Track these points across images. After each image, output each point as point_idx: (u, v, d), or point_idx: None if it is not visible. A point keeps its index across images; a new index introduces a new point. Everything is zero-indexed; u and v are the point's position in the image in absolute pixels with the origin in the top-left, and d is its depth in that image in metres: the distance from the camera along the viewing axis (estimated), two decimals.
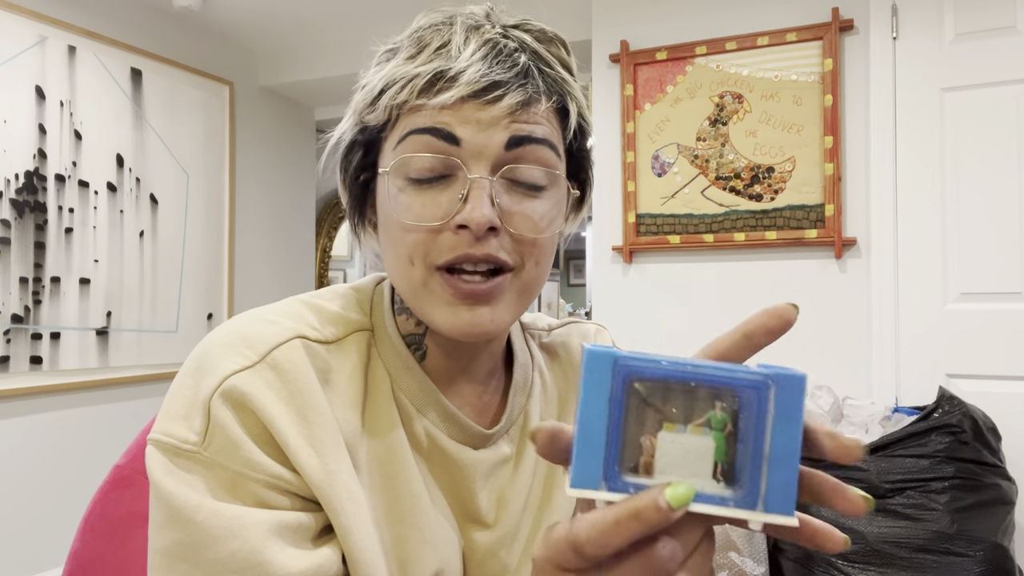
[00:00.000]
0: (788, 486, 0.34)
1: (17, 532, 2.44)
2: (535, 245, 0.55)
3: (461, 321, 0.54)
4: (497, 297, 0.55)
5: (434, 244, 0.54)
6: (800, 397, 0.33)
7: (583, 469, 0.34)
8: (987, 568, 1.64)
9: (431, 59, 0.54)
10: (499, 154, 0.53)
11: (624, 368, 0.34)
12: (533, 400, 0.67)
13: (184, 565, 0.48)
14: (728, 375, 0.33)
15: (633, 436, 0.34)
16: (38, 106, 2.49)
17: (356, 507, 0.53)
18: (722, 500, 0.34)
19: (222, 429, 0.50)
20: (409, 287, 0.56)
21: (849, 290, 2.22)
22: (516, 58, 0.54)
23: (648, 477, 0.34)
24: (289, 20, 3.13)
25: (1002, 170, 2.07)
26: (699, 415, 0.34)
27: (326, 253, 4.50)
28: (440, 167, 0.54)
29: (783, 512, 0.34)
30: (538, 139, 0.54)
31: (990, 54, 2.09)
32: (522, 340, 0.70)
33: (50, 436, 2.55)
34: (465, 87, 0.52)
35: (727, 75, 2.35)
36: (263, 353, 0.53)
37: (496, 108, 0.53)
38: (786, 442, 0.33)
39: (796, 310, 0.35)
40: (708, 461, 0.34)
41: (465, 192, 0.53)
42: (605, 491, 0.34)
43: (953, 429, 1.74)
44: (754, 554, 1.85)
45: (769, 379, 0.33)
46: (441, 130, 0.53)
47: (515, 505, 0.63)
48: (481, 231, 0.52)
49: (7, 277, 2.40)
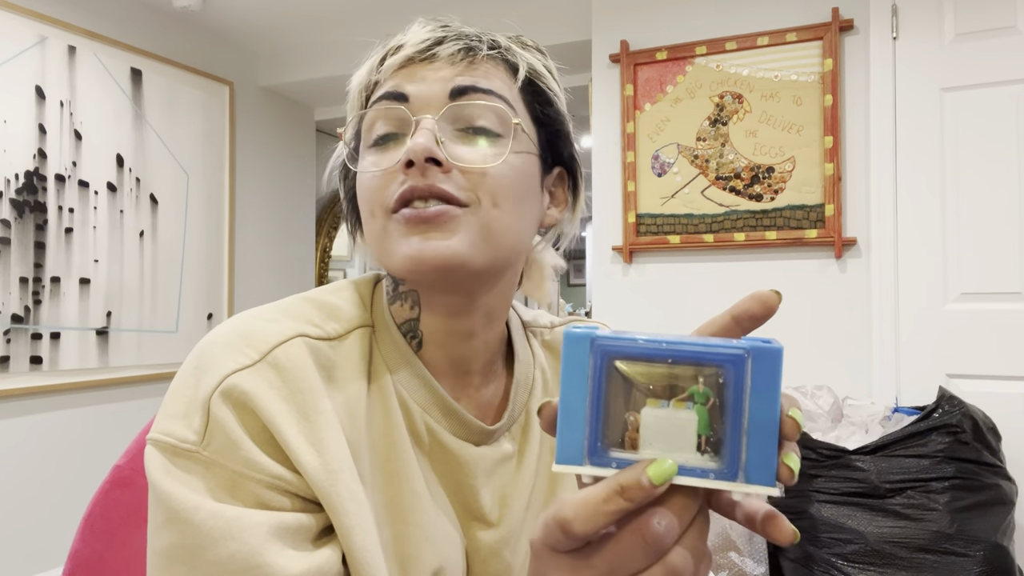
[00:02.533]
0: (768, 457, 0.34)
1: (17, 532, 2.44)
2: (485, 177, 0.55)
3: (413, 249, 0.54)
4: (449, 225, 0.54)
5: (388, 190, 0.55)
6: (777, 369, 0.34)
7: (567, 446, 0.35)
8: (987, 568, 1.64)
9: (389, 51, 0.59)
10: (444, 103, 0.56)
11: (601, 347, 0.35)
12: (535, 398, 0.67)
13: (182, 567, 0.48)
14: (704, 349, 0.34)
15: (617, 413, 0.35)
16: (38, 106, 2.49)
17: (357, 506, 0.53)
18: (704, 472, 0.34)
19: (222, 428, 0.50)
20: (375, 241, 0.57)
21: (849, 290, 2.22)
22: (459, 28, 0.59)
23: (633, 452, 0.35)
24: (289, 20, 3.13)
25: (1002, 170, 2.07)
26: (682, 390, 0.34)
27: (326, 253, 4.50)
28: (396, 128, 0.57)
29: (763, 483, 0.34)
30: (483, 88, 0.56)
31: (990, 54, 2.09)
32: (523, 338, 0.70)
33: (50, 436, 2.55)
34: (409, 48, 0.57)
35: (727, 75, 2.35)
36: (264, 352, 0.52)
37: (438, 62, 0.56)
38: (764, 413, 0.34)
39: (779, 297, 0.36)
40: (691, 434, 0.34)
41: (411, 135, 0.55)
42: (589, 466, 0.35)
43: (953, 429, 1.74)
44: (754, 554, 1.85)
45: (745, 352, 0.34)
46: (392, 92, 0.57)
47: (518, 503, 0.63)
48: (421, 159, 0.53)
49: (7, 277, 2.40)
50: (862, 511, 1.73)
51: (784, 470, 0.34)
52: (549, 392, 0.69)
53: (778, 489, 0.34)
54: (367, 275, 0.66)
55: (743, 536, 1.86)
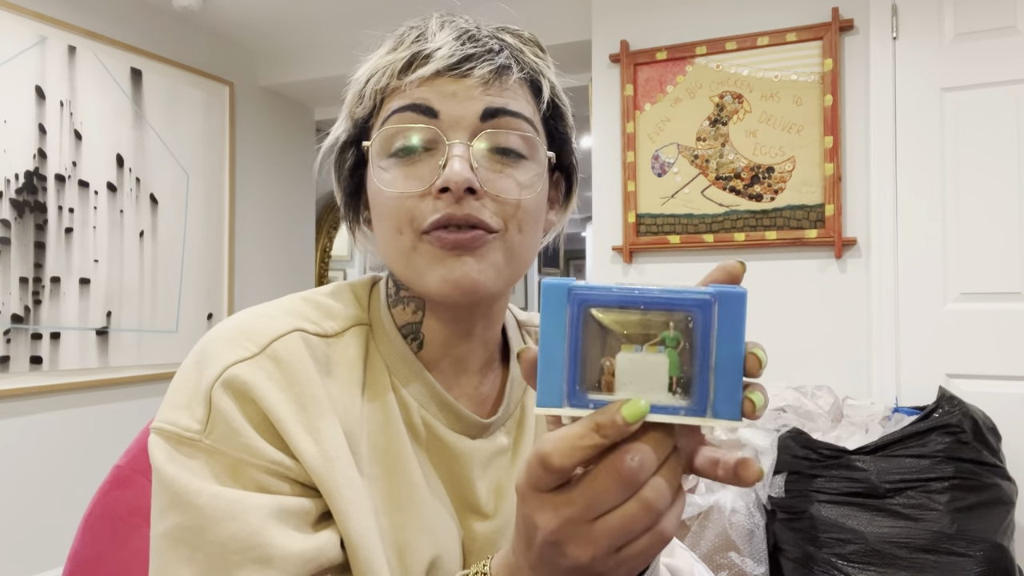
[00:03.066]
0: (734, 393, 0.37)
1: (17, 532, 2.44)
2: (518, 207, 0.57)
3: (451, 274, 0.55)
4: (482, 251, 0.56)
5: (419, 211, 0.55)
6: (741, 311, 0.36)
7: (547, 390, 0.37)
8: (987, 568, 1.64)
9: (408, 47, 0.57)
10: (475, 124, 0.56)
11: (578, 296, 0.37)
12: (529, 393, 0.68)
13: (185, 548, 0.49)
14: (673, 295, 0.37)
15: (594, 358, 0.37)
16: (38, 106, 2.49)
17: (354, 493, 0.54)
18: (675, 410, 0.37)
19: (223, 417, 0.51)
20: (400, 257, 0.57)
21: (849, 290, 2.22)
22: (487, 40, 0.57)
23: (609, 394, 0.37)
24: (289, 20, 3.13)
25: (1002, 170, 2.07)
26: (654, 335, 0.37)
27: (326, 253, 4.50)
28: (422, 142, 0.56)
29: (729, 416, 0.37)
30: (512, 111, 0.57)
31: (990, 54, 2.09)
32: (518, 336, 0.71)
33: (50, 436, 2.55)
34: (439, 61, 0.55)
35: (727, 75, 2.35)
36: (263, 345, 0.54)
37: (469, 80, 0.56)
38: (730, 353, 0.36)
39: (743, 267, 0.39)
40: (663, 376, 0.37)
41: (444, 159, 0.55)
42: (568, 408, 0.37)
43: (953, 429, 1.74)
44: (754, 554, 1.85)
45: (711, 296, 0.36)
46: (420, 105, 0.56)
47: (513, 496, 0.64)
48: (460, 189, 0.54)
49: (7, 277, 2.40)
50: (862, 511, 1.73)
51: (747, 404, 0.37)
52: None
53: (743, 423, 0.37)
54: (364, 277, 0.67)
55: (743, 536, 1.86)
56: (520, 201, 0.57)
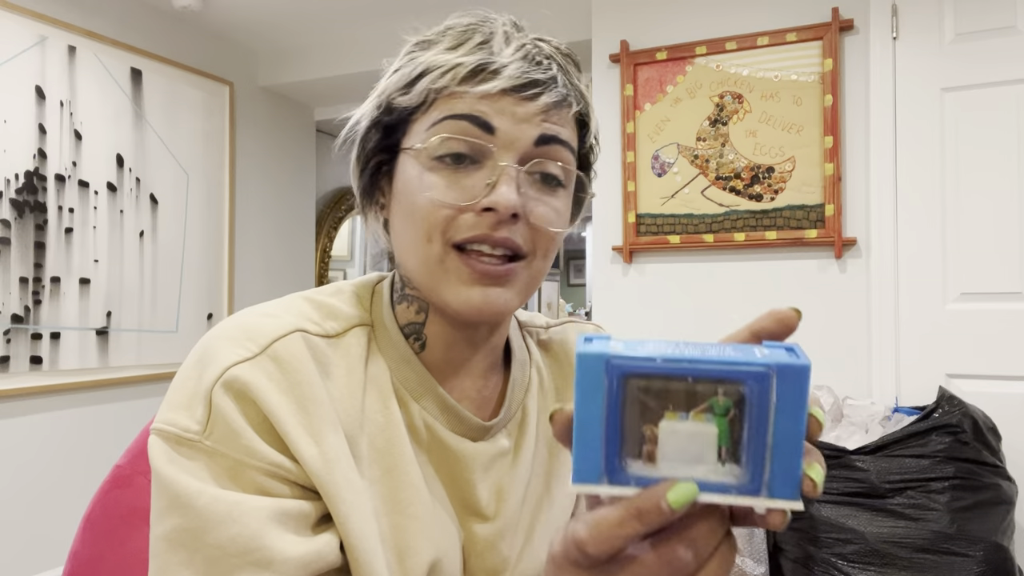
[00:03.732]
0: (792, 471, 0.33)
1: (17, 532, 2.44)
2: (549, 238, 0.58)
3: (475, 299, 0.55)
4: (511, 281, 0.57)
5: (455, 223, 0.55)
6: (803, 386, 0.33)
7: (584, 465, 0.34)
8: (987, 568, 1.64)
9: (472, 52, 0.56)
10: (528, 148, 0.56)
11: (617, 368, 0.33)
12: (531, 396, 0.68)
13: (184, 550, 0.49)
14: (726, 367, 0.33)
15: (634, 427, 0.34)
16: (38, 106, 2.49)
17: (354, 495, 0.54)
18: (726, 488, 0.33)
19: (223, 418, 0.51)
20: (424, 264, 0.57)
21: (849, 290, 2.22)
22: (549, 65, 0.57)
23: (652, 465, 0.34)
24: (289, 20, 3.13)
25: (1002, 170, 2.07)
26: (701, 401, 0.33)
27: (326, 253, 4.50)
28: (472, 152, 0.56)
29: (788, 496, 0.33)
30: (562, 140, 0.57)
31: (990, 54, 2.09)
32: (520, 337, 0.71)
33: (50, 436, 2.55)
34: (507, 80, 0.55)
35: (727, 75, 2.35)
36: (264, 345, 0.54)
37: (532, 105, 0.56)
38: (789, 429, 0.33)
39: (798, 315, 0.36)
40: (712, 447, 0.34)
41: (495, 179, 0.55)
42: (607, 485, 0.34)
43: (953, 429, 1.74)
44: (754, 554, 1.85)
45: (770, 369, 0.33)
46: (479, 118, 0.55)
47: (514, 498, 0.64)
48: (507, 215, 0.54)
49: (7, 277, 2.40)
50: (862, 511, 1.73)
51: (807, 483, 0.34)
52: (545, 389, 0.70)
53: (801, 503, 0.33)
54: (367, 277, 0.67)
55: (743, 536, 1.86)
56: (554, 232, 0.58)
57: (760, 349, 0.34)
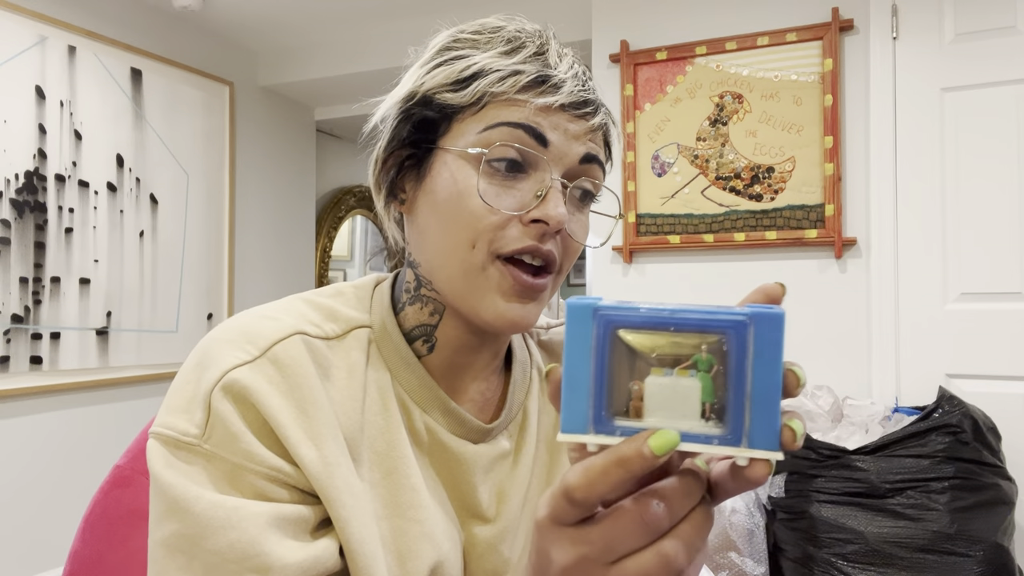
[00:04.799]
0: (771, 422, 0.34)
1: (17, 532, 2.44)
2: (576, 253, 0.60)
3: (511, 314, 0.56)
4: (542, 295, 0.58)
5: (501, 232, 0.55)
6: (779, 334, 0.34)
7: (571, 415, 0.35)
8: (987, 568, 1.64)
9: (530, 61, 0.56)
10: (574, 165, 0.57)
11: (604, 317, 0.35)
12: (532, 396, 0.68)
13: (182, 556, 0.49)
14: (707, 317, 0.34)
15: (622, 382, 0.35)
16: (38, 106, 2.49)
17: (354, 500, 0.54)
18: (708, 439, 0.35)
19: (222, 422, 0.51)
20: (461, 270, 0.56)
21: (849, 290, 2.22)
22: (592, 86, 0.60)
23: (638, 420, 0.35)
24: (289, 20, 3.13)
25: (1002, 170, 2.07)
26: (686, 358, 0.35)
27: (326, 253, 4.50)
28: (524, 162, 0.56)
29: (767, 447, 0.34)
30: (600, 160, 0.59)
31: (990, 54, 2.09)
32: (520, 338, 0.71)
33: (50, 436, 2.55)
34: (567, 96, 0.56)
35: (727, 75, 2.35)
36: (264, 348, 0.54)
37: (584, 124, 0.57)
38: (767, 379, 0.34)
39: (783, 289, 0.37)
40: (695, 402, 0.35)
41: (544, 191, 0.55)
42: (593, 434, 0.35)
43: (953, 429, 1.74)
44: (754, 554, 1.85)
45: (747, 318, 0.34)
46: (535, 129, 0.55)
47: (515, 500, 0.64)
48: (556, 229, 0.55)
49: (7, 277, 2.40)
50: (862, 511, 1.73)
51: (787, 432, 0.34)
52: (545, 390, 0.70)
53: (781, 453, 0.34)
54: (366, 278, 0.66)
55: (743, 536, 1.86)
56: (580, 246, 0.60)
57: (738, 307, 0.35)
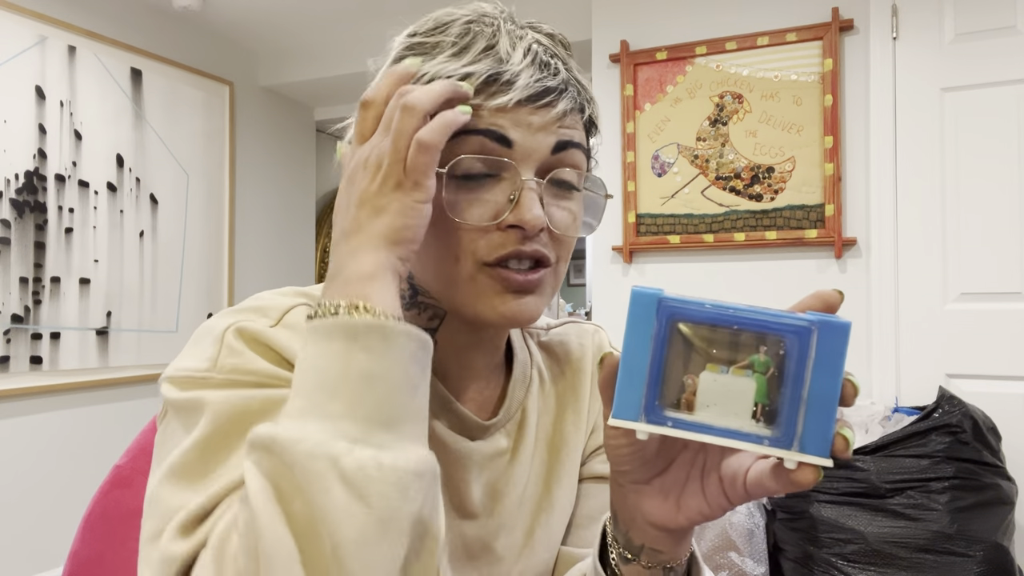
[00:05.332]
0: (825, 429, 0.34)
1: (17, 532, 2.44)
2: (570, 243, 0.58)
3: (510, 310, 0.55)
4: (541, 288, 0.56)
5: (481, 242, 0.54)
6: (842, 344, 0.34)
7: (625, 402, 0.36)
8: (987, 568, 1.64)
9: (479, 59, 0.54)
10: (546, 157, 0.55)
11: (668, 309, 0.35)
12: (531, 396, 0.68)
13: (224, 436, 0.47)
14: (771, 319, 0.34)
15: (676, 374, 0.36)
16: (38, 106, 2.49)
17: None
18: (759, 439, 0.35)
19: (234, 351, 0.50)
20: (450, 283, 0.56)
21: (849, 290, 2.22)
22: (556, 66, 0.56)
23: (689, 413, 0.36)
24: (289, 20, 3.13)
25: (1002, 170, 2.07)
26: (743, 358, 0.35)
27: (326, 253, 4.50)
28: (491, 168, 0.54)
29: (818, 453, 0.34)
30: (576, 143, 0.56)
31: (990, 54, 2.09)
32: (521, 338, 0.71)
33: (50, 436, 2.55)
34: (521, 91, 0.53)
35: (727, 75, 2.35)
36: (276, 318, 0.54)
37: (548, 113, 0.54)
38: (825, 386, 0.34)
39: (841, 296, 0.37)
40: (748, 401, 0.35)
41: (516, 194, 0.53)
42: (644, 423, 0.36)
43: (953, 429, 1.74)
44: (754, 554, 1.85)
45: (812, 324, 0.34)
46: (495, 132, 0.53)
47: (510, 497, 0.64)
48: (535, 232, 0.53)
49: (7, 277, 2.40)
50: (862, 511, 1.73)
51: (840, 440, 0.34)
52: (545, 392, 0.70)
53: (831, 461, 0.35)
54: None
55: (743, 536, 1.86)
56: (571, 237, 0.58)
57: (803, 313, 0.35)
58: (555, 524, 0.67)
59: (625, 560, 0.49)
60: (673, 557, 0.49)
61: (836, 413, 0.34)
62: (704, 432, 0.36)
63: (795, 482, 0.35)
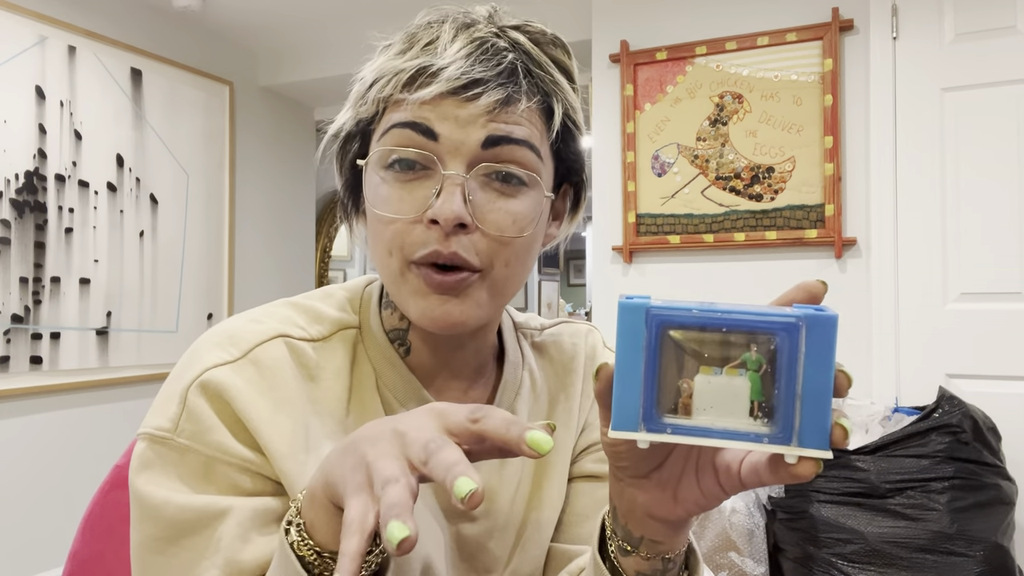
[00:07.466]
0: (822, 422, 0.35)
1: (17, 532, 2.44)
2: (507, 245, 0.55)
3: (433, 312, 0.55)
4: (464, 292, 0.55)
5: (409, 238, 0.54)
6: (831, 336, 0.34)
7: (623, 413, 0.36)
8: (987, 568, 1.64)
9: (418, 55, 0.54)
10: (475, 152, 0.53)
11: (656, 317, 0.35)
12: (521, 398, 0.68)
13: (159, 557, 0.51)
14: (758, 318, 0.35)
15: (671, 380, 0.36)
16: (38, 106, 2.49)
17: None
18: (758, 437, 0.35)
19: (195, 416, 0.52)
20: (389, 277, 0.57)
21: (849, 290, 2.22)
22: (503, 57, 0.54)
23: (687, 417, 0.36)
24: (289, 20, 3.13)
25: (1002, 170, 2.07)
26: (734, 357, 0.35)
27: (326, 253, 4.50)
28: (420, 161, 0.54)
29: (817, 446, 0.35)
30: (516, 139, 0.54)
31: (990, 54, 2.09)
32: (514, 339, 0.71)
33: (50, 436, 2.55)
34: (444, 83, 0.52)
35: (727, 75, 2.35)
36: (245, 350, 0.55)
37: (474, 106, 0.53)
38: (818, 379, 0.34)
39: (825, 286, 0.37)
40: (744, 400, 0.35)
41: (439, 187, 0.53)
42: (644, 432, 0.36)
43: (953, 429, 1.74)
44: (754, 554, 1.85)
45: (799, 320, 0.34)
46: (420, 124, 0.53)
47: (503, 498, 0.64)
48: (449, 226, 0.52)
49: (7, 277, 2.40)
50: (862, 511, 1.73)
51: (838, 431, 0.35)
52: (537, 393, 0.70)
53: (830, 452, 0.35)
54: (358, 280, 0.67)
55: (743, 536, 1.86)
56: (511, 238, 0.55)
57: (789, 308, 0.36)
58: (545, 522, 0.67)
59: (624, 552, 0.50)
60: (672, 548, 0.49)
61: (831, 405, 0.35)
62: (704, 435, 0.36)
63: (796, 475, 0.36)
